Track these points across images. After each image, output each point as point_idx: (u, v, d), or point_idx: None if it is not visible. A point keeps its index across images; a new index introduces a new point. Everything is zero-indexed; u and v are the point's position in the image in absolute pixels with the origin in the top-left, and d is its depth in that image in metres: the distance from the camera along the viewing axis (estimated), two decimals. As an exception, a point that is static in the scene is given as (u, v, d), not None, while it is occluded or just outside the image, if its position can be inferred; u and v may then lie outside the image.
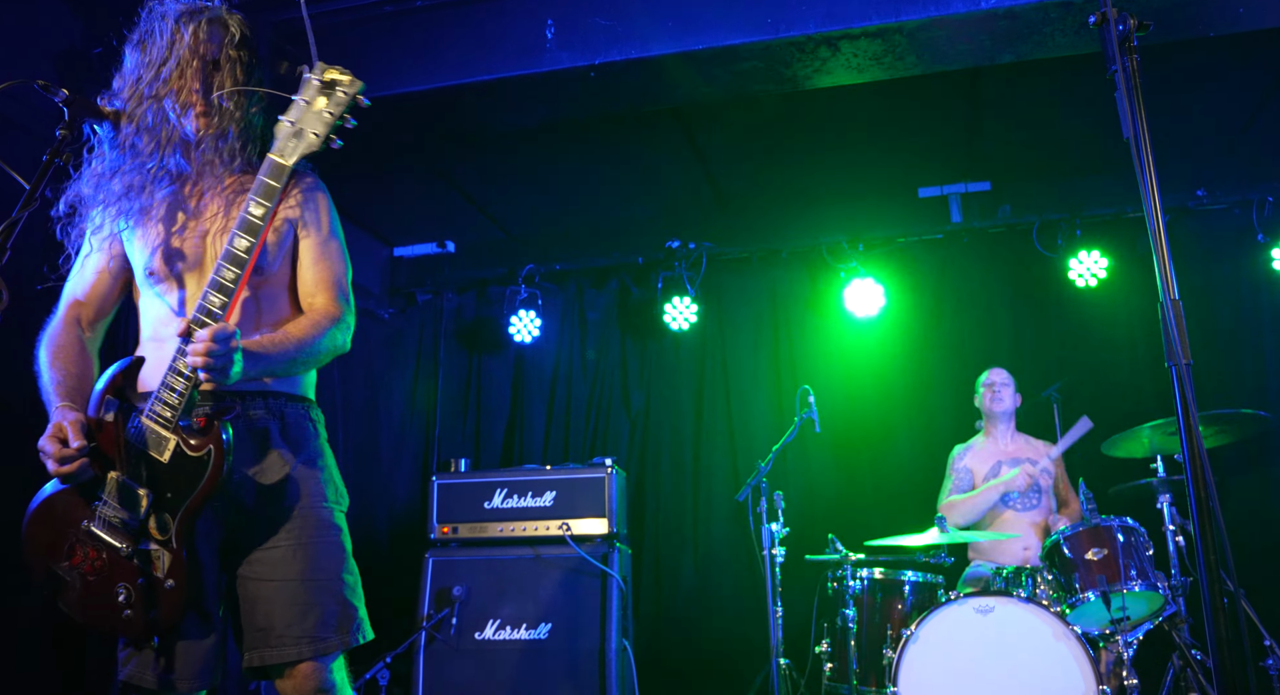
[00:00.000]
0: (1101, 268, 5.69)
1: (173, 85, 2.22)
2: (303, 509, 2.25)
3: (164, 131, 2.23)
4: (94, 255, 2.39)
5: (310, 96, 2.02)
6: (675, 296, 6.26)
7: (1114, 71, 1.94)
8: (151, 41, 2.23)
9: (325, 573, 2.23)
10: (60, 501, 2.20)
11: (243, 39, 2.27)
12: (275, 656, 2.15)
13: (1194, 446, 1.67)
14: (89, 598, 2.16)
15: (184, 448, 2.08)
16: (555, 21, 4.29)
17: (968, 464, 5.15)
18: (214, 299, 2.04)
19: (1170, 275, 1.80)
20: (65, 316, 2.39)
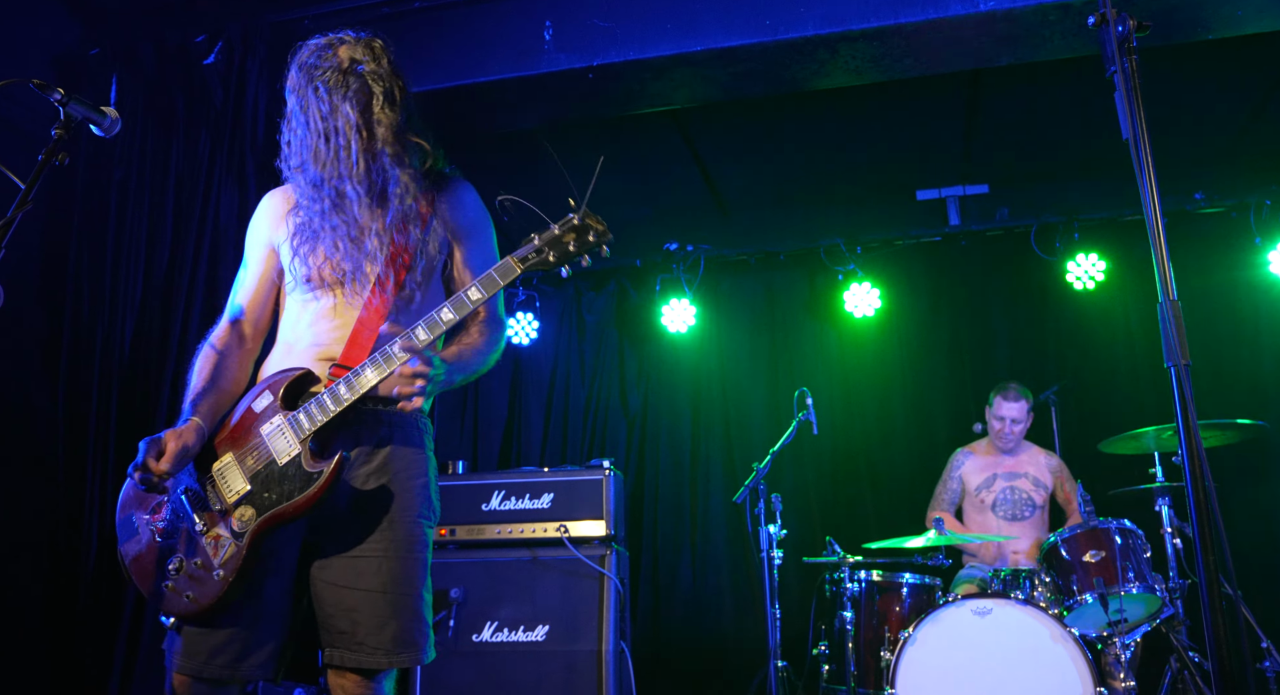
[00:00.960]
0: (1099, 270, 5.69)
1: (330, 160, 2.30)
2: (397, 521, 2.26)
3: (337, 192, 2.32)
4: (254, 260, 2.47)
5: (564, 229, 2.18)
6: (673, 298, 6.25)
7: (1113, 72, 1.94)
8: (310, 106, 2.31)
9: (408, 588, 2.24)
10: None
11: (387, 98, 2.33)
12: (352, 661, 2.18)
13: (1193, 448, 1.67)
14: (146, 555, 2.24)
15: (303, 460, 2.17)
16: (553, 23, 4.29)
17: (961, 474, 5.12)
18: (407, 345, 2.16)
19: (1169, 276, 1.80)
20: (224, 329, 2.44)
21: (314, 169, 2.30)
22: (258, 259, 2.47)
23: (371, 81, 2.31)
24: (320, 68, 2.30)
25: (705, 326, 6.43)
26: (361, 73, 2.30)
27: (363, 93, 2.29)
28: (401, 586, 2.22)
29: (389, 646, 2.18)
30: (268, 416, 2.22)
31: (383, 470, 2.28)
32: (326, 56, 2.32)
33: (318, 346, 2.32)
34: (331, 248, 2.32)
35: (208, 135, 4.46)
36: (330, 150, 2.29)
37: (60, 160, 2.02)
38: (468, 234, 2.51)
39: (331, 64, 2.30)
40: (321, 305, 2.35)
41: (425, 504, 2.34)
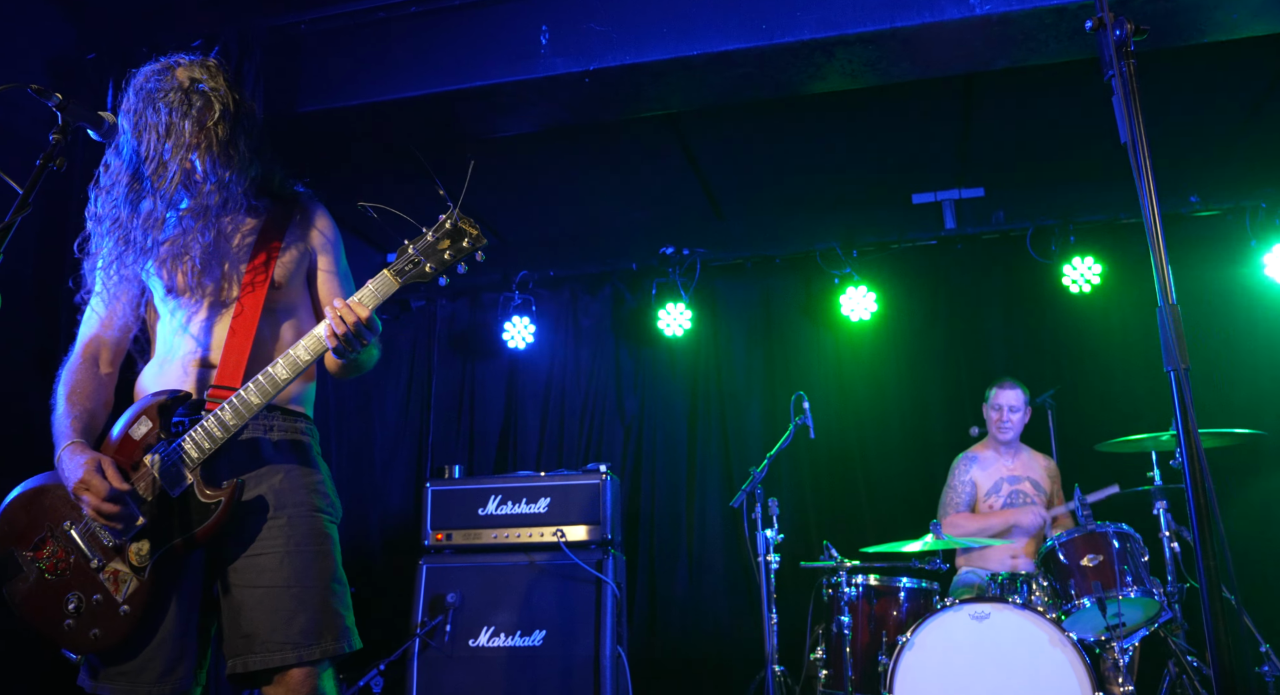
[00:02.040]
0: (1095, 274, 5.70)
1: (161, 172, 2.32)
2: (291, 518, 2.29)
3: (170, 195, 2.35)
4: (110, 288, 2.46)
5: (438, 236, 2.21)
6: (669, 303, 6.25)
7: (1111, 76, 1.94)
8: (143, 130, 2.33)
9: (311, 581, 2.25)
10: (52, 494, 2.24)
11: (224, 113, 2.36)
12: (259, 662, 2.17)
13: (1194, 453, 1.67)
14: (37, 594, 2.18)
15: (197, 490, 2.17)
16: (550, 27, 4.29)
17: (973, 477, 5.10)
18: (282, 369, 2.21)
19: (1169, 281, 1.80)
20: (82, 353, 2.44)
21: (148, 182, 2.33)
22: (101, 287, 2.46)
23: (213, 98, 2.35)
24: (161, 90, 2.34)
25: (701, 330, 6.43)
26: (203, 91, 2.35)
27: (204, 111, 2.33)
28: (305, 579, 2.24)
29: (298, 640, 2.18)
30: (150, 444, 2.20)
31: (272, 473, 2.31)
32: (165, 78, 2.36)
33: (190, 354, 2.35)
34: (184, 257, 2.35)
35: (203, 139, 4.44)
36: (153, 166, 2.32)
37: (58, 165, 2.02)
38: (324, 250, 2.56)
39: (172, 85, 2.34)
40: (185, 313, 2.39)
41: (321, 498, 2.37)
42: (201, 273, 2.35)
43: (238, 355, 2.29)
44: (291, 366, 2.20)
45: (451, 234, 2.21)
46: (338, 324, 2.15)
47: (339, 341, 2.16)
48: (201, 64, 2.39)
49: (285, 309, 2.46)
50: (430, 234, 2.22)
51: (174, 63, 2.39)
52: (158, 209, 2.32)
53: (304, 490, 2.33)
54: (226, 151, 2.36)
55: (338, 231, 2.62)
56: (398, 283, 2.21)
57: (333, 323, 2.15)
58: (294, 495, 2.31)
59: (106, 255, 2.38)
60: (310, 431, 2.47)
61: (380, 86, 4.49)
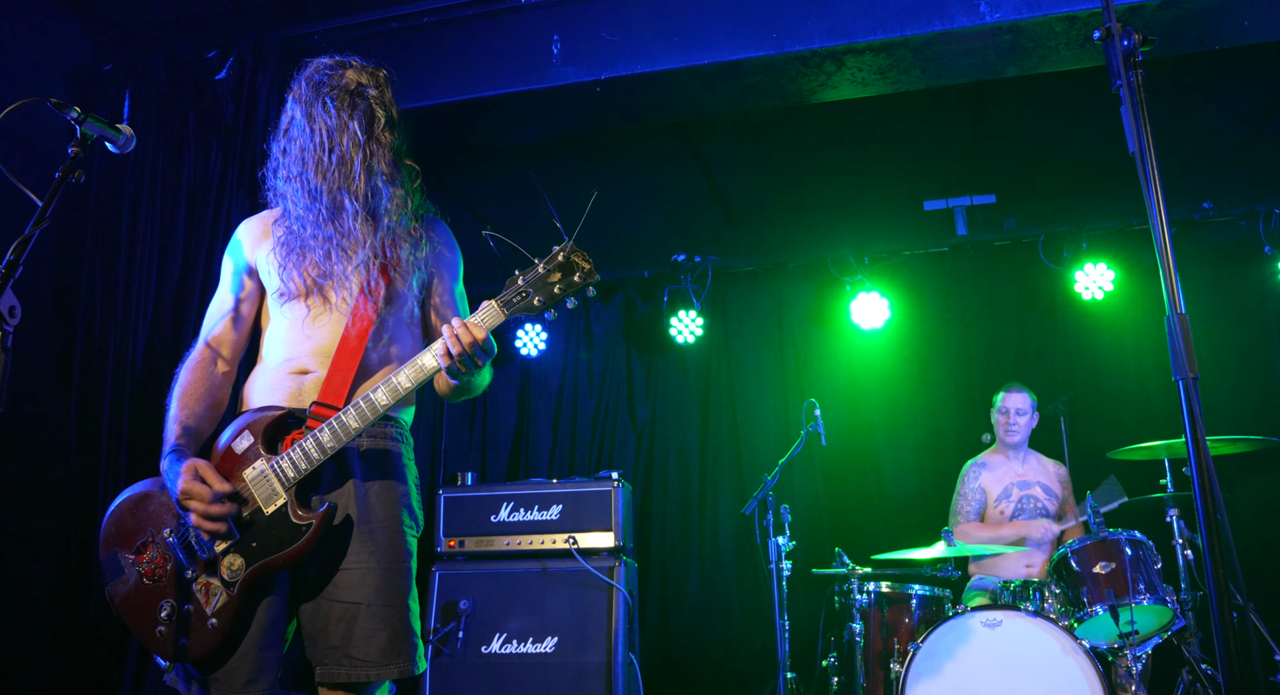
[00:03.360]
0: (1108, 280, 5.68)
1: (339, 167, 2.33)
2: (377, 533, 2.28)
3: (335, 204, 2.34)
4: (230, 284, 2.48)
5: (549, 268, 2.13)
6: (681, 310, 6.27)
7: (1119, 86, 1.95)
8: (318, 119, 2.33)
9: (394, 598, 2.26)
10: (156, 500, 2.28)
11: (389, 122, 2.38)
12: (343, 675, 2.19)
13: (1202, 462, 1.67)
14: (135, 597, 2.23)
15: (290, 510, 2.17)
16: (561, 37, 4.32)
17: (982, 484, 5.09)
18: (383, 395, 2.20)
19: (1177, 289, 1.80)
20: (201, 353, 2.44)
21: (314, 179, 2.32)
22: (235, 282, 2.48)
23: (375, 105, 2.36)
24: (329, 85, 2.35)
25: (713, 337, 6.44)
26: (367, 95, 2.36)
27: (368, 114, 2.34)
28: (388, 597, 2.24)
29: (377, 658, 2.20)
30: (250, 460, 2.22)
31: (359, 487, 2.30)
32: (335, 76, 2.36)
33: (291, 361, 2.34)
34: (324, 258, 2.33)
35: (219, 149, 4.49)
36: (333, 161, 2.31)
37: (76, 177, 2.04)
38: (445, 271, 2.55)
39: (340, 83, 2.35)
40: (297, 317, 2.36)
41: (406, 512, 2.36)
42: (323, 279, 2.34)
43: (344, 373, 2.28)
44: (392, 393, 2.18)
45: (563, 266, 2.13)
46: (453, 343, 2.11)
47: (453, 361, 2.13)
48: (371, 72, 2.40)
49: (398, 325, 2.43)
50: (541, 266, 2.15)
51: (346, 62, 2.40)
52: (344, 205, 2.32)
53: (391, 503, 2.33)
54: (398, 159, 2.39)
55: (459, 254, 2.60)
56: (504, 314, 2.16)
57: (448, 341, 2.12)
58: (380, 509, 2.30)
59: (275, 244, 2.38)
60: (401, 437, 2.44)
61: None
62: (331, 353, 2.31)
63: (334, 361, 2.29)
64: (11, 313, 1.85)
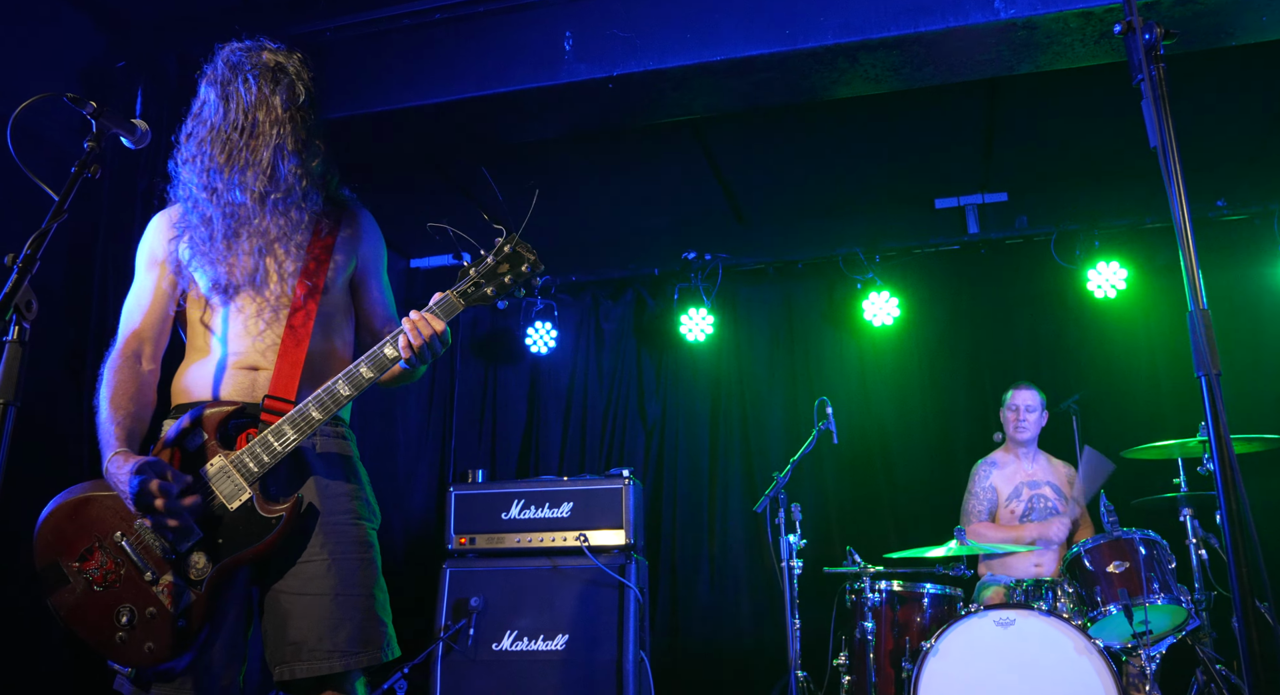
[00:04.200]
0: (1121, 279, 5.66)
1: (249, 146, 2.30)
2: (335, 526, 2.28)
3: (234, 184, 2.30)
4: (149, 280, 2.43)
5: (497, 259, 2.21)
6: (691, 308, 6.26)
7: (1140, 80, 1.93)
8: (233, 97, 2.31)
9: (356, 588, 2.25)
10: (101, 503, 2.19)
11: (308, 100, 2.36)
12: (305, 670, 2.16)
13: (1225, 457, 1.66)
14: (86, 606, 2.14)
15: (257, 505, 2.15)
16: (573, 34, 4.31)
17: (993, 483, 5.08)
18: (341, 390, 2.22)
19: (1199, 284, 1.79)
20: (123, 350, 2.37)
21: (218, 159, 2.28)
22: (151, 277, 2.41)
23: (296, 81, 2.34)
24: (249, 64, 2.32)
25: (723, 336, 6.42)
26: (289, 71, 2.34)
27: (290, 89, 2.32)
28: (351, 587, 2.23)
29: (345, 647, 2.18)
30: (206, 457, 2.18)
31: (316, 483, 2.29)
32: (253, 56, 2.35)
33: (237, 355, 2.31)
34: (233, 242, 2.29)
35: (230, 146, 4.49)
36: (243, 140, 2.28)
37: (92, 172, 2.04)
38: (371, 259, 2.54)
39: (259, 62, 2.33)
40: (234, 310, 2.33)
41: (363, 506, 2.36)
42: (259, 268, 2.31)
43: (292, 365, 2.26)
44: (354, 384, 2.19)
45: (510, 258, 2.21)
46: (414, 336, 2.14)
47: (413, 353, 2.15)
48: (287, 53, 2.38)
49: (335, 314, 2.43)
50: (490, 257, 2.22)
51: (260, 44, 2.38)
52: (246, 186, 2.28)
53: (346, 497, 2.32)
54: (310, 138, 2.36)
55: (383, 242, 2.60)
56: (461, 304, 2.21)
57: (409, 333, 2.14)
58: (337, 503, 2.30)
59: (179, 233, 2.34)
60: (350, 437, 2.45)
61: (404, 93, 4.51)
62: (274, 351, 2.28)
63: (280, 357, 2.27)
64: (28, 307, 1.85)
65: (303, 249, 2.36)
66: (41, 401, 4.19)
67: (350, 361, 2.29)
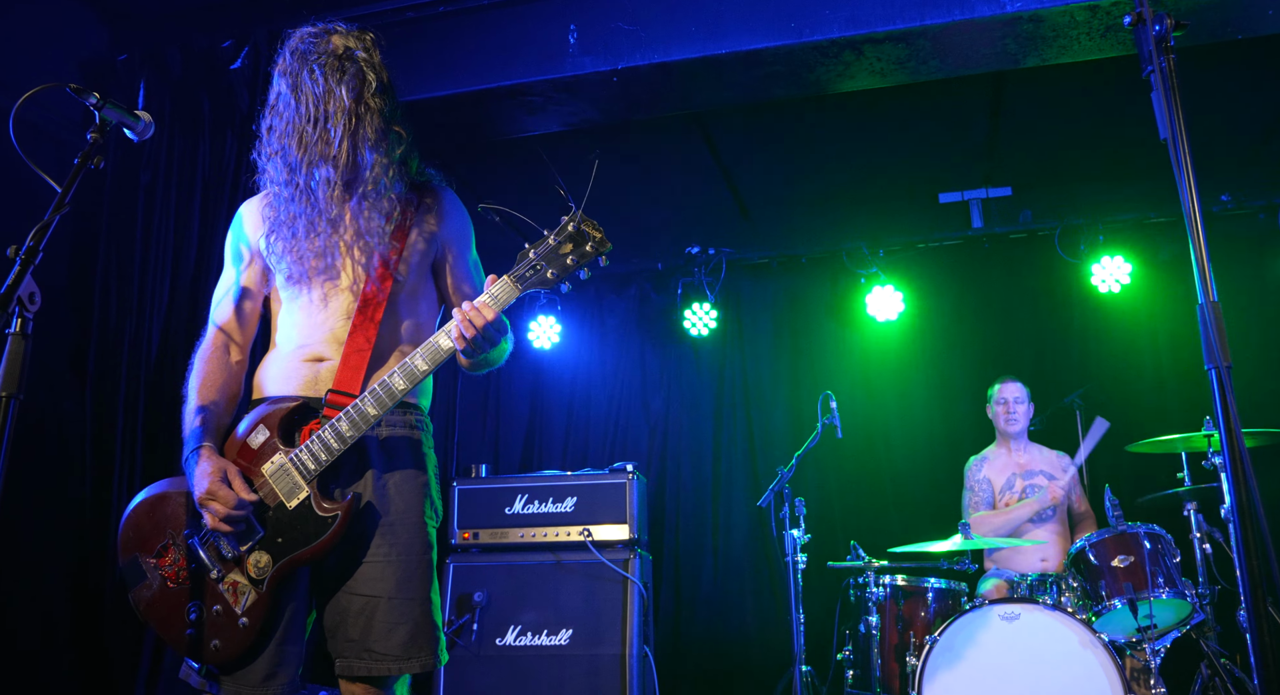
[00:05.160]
0: (1125, 273, 5.64)
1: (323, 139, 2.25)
2: (397, 524, 2.24)
3: (312, 177, 2.27)
4: (237, 270, 2.41)
5: (560, 239, 2.09)
6: (695, 302, 6.25)
7: (1150, 72, 1.92)
8: (302, 90, 2.25)
9: (414, 591, 2.21)
10: (175, 501, 2.23)
11: (379, 86, 2.29)
12: (362, 669, 2.15)
13: (1235, 450, 1.65)
14: (160, 601, 2.19)
15: (314, 503, 2.13)
16: (578, 26, 4.29)
17: (986, 475, 5.09)
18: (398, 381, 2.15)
19: (1209, 276, 1.78)
20: (214, 340, 2.37)
21: (294, 153, 2.25)
22: (240, 266, 2.42)
23: (365, 68, 2.27)
24: (315, 52, 2.26)
25: (727, 330, 6.42)
26: (356, 58, 2.27)
27: (357, 78, 2.25)
28: (409, 589, 2.20)
29: (398, 651, 2.16)
30: (267, 454, 2.18)
31: (379, 476, 2.25)
32: (320, 43, 2.28)
33: (305, 347, 2.29)
34: (316, 235, 2.26)
35: (234, 139, 4.49)
36: (317, 133, 2.24)
37: (95, 164, 2.02)
38: (454, 240, 2.47)
39: (326, 49, 2.27)
40: (306, 300, 2.30)
41: (428, 503, 2.32)
42: (331, 260, 2.27)
43: (358, 357, 2.22)
44: (409, 377, 2.14)
45: (574, 237, 2.10)
46: (467, 328, 2.08)
47: (468, 344, 2.10)
48: (358, 35, 2.32)
49: (408, 301, 2.37)
50: (552, 237, 2.11)
51: (331, 28, 2.31)
52: (328, 179, 2.24)
53: (412, 494, 2.28)
54: (386, 124, 2.29)
55: (469, 220, 2.52)
56: (519, 289, 2.11)
57: (461, 326, 2.08)
58: (401, 500, 2.25)
59: (271, 227, 2.31)
60: (423, 424, 2.40)
61: (408, 86, 4.49)
62: (341, 343, 2.25)
63: (346, 347, 2.23)
64: (31, 299, 1.84)
65: (383, 238, 2.29)
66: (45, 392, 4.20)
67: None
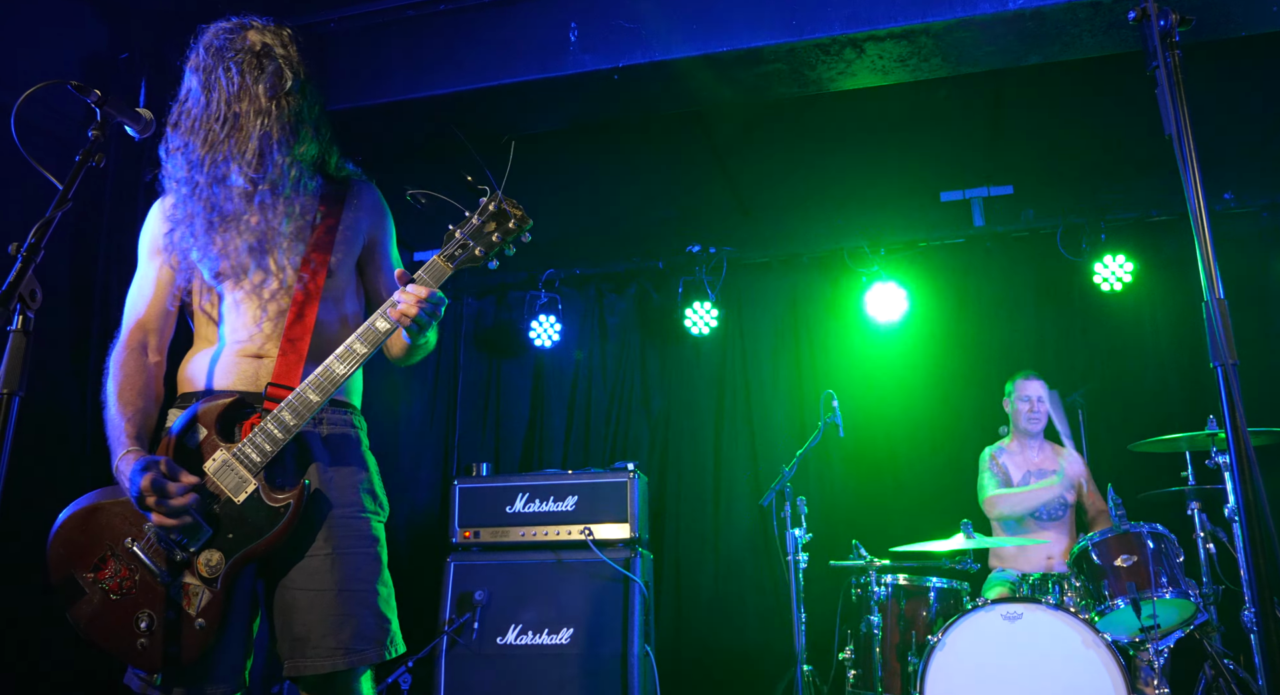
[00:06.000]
0: (1127, 271, 5.63)
1: (232, 137, 2.24)
2: (340, 518, 2.23)
3: (215, 175, 2.25)
4: (150, 270, 2.37)
5: (483, 218, 2.19)
6: (696, 301, 6.24)
7: (1155, 68, 1.91)
8: (215, 87, 2.24)
9: (361, 584, 2.20)
10: (109, 511, 2.16)
11: (296, 84, 2.30)
12: (311, 667, 2.13)
13: (1242, 448, 1.64)
14: (104, 615, 2.11)
15: (263, 494, 2.11)
16: (578, 24, 4.28)
17: (1005, 463, 5.05)
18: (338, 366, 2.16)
19: (1215, 273, 1.77)
20: (129, 341, 2.32)
21: (198, 150, 2.23)
22: (150, 265, 2.37)
23: (284, 65, 2.27)
24: (231, 49, 2.25)
25: (728, 329, 6.41)
26: (275, 56, 2.27)
27: (275, 77, 2.26)
28: (354, 583, 2.19)
29: (348, 644, 2.14)
30: (208, 452, 2.14)
31: (321, 471, 2.25)
32: (237, 39, 2.27)
33: (240, 343, 2.26)
34: (211, 233, 2.24)
35: (234, 138, 4.48)
36: (225, 131, 2.22)
37: (96, 161, 2.02)
38: (378, 234, 2.49)
39: (244, 46, 2.26)
40: (235, 299, 2.28)
41: (370, 498, 2.31)
42: (257, 255, 2.25)
43: (295, 351, 2.21)
44: (350, 361, 2.14)
45: (496, 216, 2.19)
46: (409, 306, 2.10)
47: (411, 321, 2.12)
48: (274, 30, 2.31)
49: (336, 296, 2.38)
50: (475, 217, 2.19)
51: (246, 23, 2.31)
52: (229, 178, 2.23)
53: (352, 489, 2.27)
54: (299, 124, 2.29)
55: (389, 215, 2.54)
56: (449, 268, 2.17)
57: (403, 304, 2.10)
58: (343, 495, 2.25)
59: (172, 226, 2.28)
60: (358, 424, 2.40)
61: (409, 84, 4.49)
62: (277, 338, 2.24)
63: (284, 342, 2.22)
64: (33, 296, 1.84)
65: (303, 234, 2.30)
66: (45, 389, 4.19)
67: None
